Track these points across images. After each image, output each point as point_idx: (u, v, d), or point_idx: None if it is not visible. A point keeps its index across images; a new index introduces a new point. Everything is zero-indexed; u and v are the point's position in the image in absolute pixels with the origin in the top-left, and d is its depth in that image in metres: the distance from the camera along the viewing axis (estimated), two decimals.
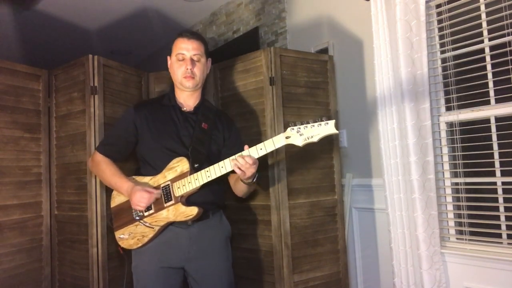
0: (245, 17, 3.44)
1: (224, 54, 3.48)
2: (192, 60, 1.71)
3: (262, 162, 1.80)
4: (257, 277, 2.08)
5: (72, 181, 2.15)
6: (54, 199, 2.24)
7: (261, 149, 1.57)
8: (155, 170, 1.70)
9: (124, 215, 1.74)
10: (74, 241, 2.13)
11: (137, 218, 1.69)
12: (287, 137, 1.54)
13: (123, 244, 1.73)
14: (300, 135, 1.52)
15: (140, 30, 4.14)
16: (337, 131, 1.52)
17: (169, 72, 1.81)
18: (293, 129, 1.53)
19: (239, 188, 1.77)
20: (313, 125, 1.51)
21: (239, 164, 1.55)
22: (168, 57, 1.79)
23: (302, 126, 1.52)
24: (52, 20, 3.73)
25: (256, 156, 1.57)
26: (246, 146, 1.58)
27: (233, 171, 1.61)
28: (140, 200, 1.61)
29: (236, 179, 1.75)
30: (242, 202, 2.13)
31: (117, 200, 1.77)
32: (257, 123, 2.08)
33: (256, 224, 2.10)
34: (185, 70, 1.71)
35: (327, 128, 1.50)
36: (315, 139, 1.52)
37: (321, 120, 1.51)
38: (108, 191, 2.05)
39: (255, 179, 1.67)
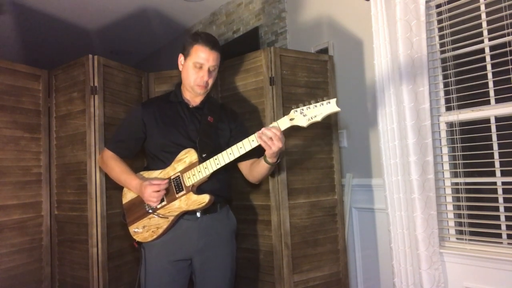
0: (245, 17, 3.44)
1: (224, 54, 3.46)
2: (209, 71, 1.74)
3: None
4: (257, 277, 2.08)
5: (72, 181, 2.15)
6: (54, 199, 2.24)
7: None
8: (164, 164, 1.74)
9: (137, 209, 1.77)
10: (74, 241, 2.13)
11: (150, 211, 1.72)
12: (291, 119, 1.56)
13: (138, 237, 1.75)
14: (304, 116, 1.54)
15: (140, 30, 4.14)
16: (339, 109, 1.52)
17: (179, 70, 1.82)
18: (296, 111, 1.55)
19: (258, 171, 1.75)
20: (316, 105, 1.53)
21: (266, 137, 1.53)
22: (181, 55, 1.79)
23: (305, 107, 1.54)
24: (52, 20, 3.73)
25: (258, 142, 1.57)
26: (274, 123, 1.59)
27: (242, 158, 1.63)
28: (151, 194, 1.64)
29: (253, 162, 1.77)
30: (242, 202, 2.13)
31: (128, 196, 1.80)
32: (257, 123, 2.08)
33: (256, 224, 2.11)
34: (201, 79, 1.74)
35: (329, 107, 1.52)
36: (319, 118, 1.53)
37: (323, 100, 1.53)
38: (108, 190, 2.06)
39: (279, 159, 1.67)
